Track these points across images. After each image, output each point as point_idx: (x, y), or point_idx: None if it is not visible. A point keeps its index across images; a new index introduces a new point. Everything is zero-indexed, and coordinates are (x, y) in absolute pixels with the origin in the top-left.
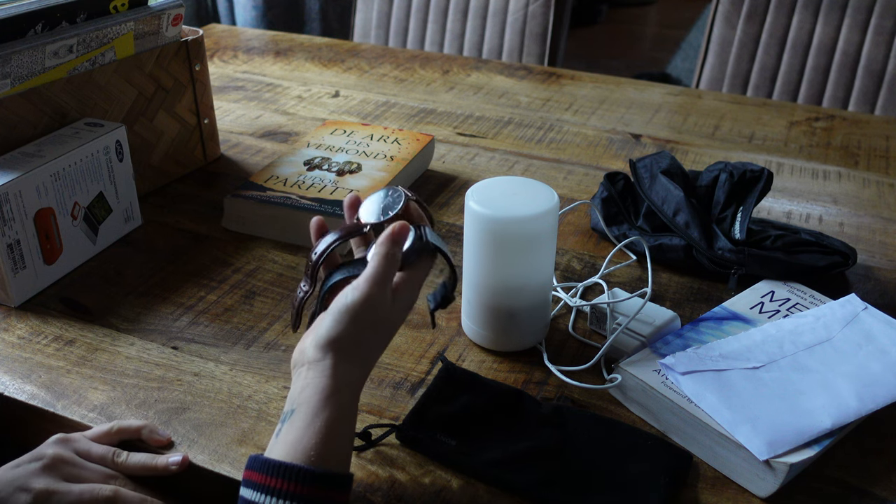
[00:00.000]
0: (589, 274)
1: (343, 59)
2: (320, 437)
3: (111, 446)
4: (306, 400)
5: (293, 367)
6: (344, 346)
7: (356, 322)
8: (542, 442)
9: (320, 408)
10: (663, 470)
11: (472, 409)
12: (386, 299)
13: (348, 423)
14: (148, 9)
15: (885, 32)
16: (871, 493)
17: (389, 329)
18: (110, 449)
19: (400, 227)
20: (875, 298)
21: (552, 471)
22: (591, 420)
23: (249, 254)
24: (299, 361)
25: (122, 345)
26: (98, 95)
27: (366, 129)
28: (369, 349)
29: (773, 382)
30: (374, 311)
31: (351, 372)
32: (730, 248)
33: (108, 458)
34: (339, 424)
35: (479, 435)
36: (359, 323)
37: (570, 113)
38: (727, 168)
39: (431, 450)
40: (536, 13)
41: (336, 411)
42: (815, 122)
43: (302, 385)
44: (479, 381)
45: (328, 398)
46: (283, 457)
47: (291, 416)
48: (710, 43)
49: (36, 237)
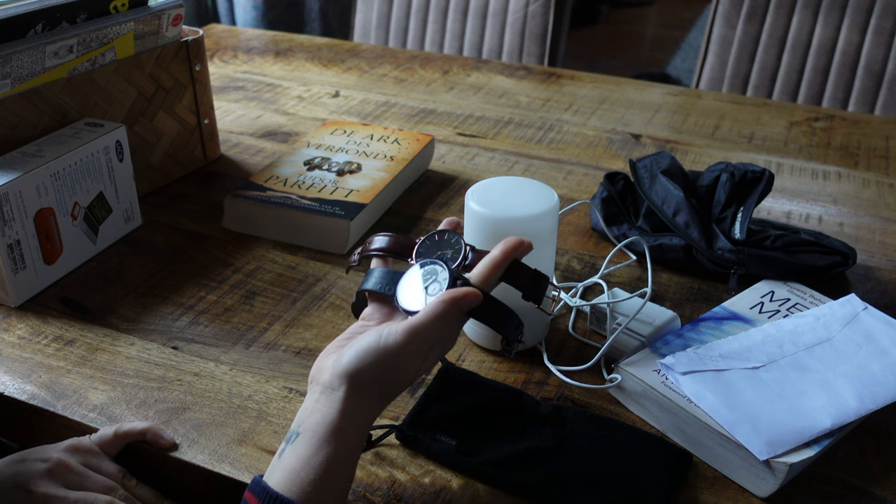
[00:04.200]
0: (589, 274)
1: (343, 59)
2: (319, 473)
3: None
4: (312, 428)
5: (310, 381)
6: (361, 383)
7: (381, 365)
8: (542, 442)
9: (324, 441)
10: (663, 470)
11: (472, 409)
12: (421, 353)
13: (349, 462)
14: (148, 9)
15: (885, 32)
16: (871, 493)
17: (413, 378)
18: (122, 470)
19: (471, 295)
20: (875, 298)
21: (552, 471)
22: (590, 420)
23: (249, 254)
24: (316, 379)
25: (122, 345)
26: (98, 95)
27: (366, 130)
28: (387, 392)
29: (773, 382)
30: (405, 360)
31: (362, 409)
32: (730, 248)
33: (118, 478)
34: (340, 463)
35: (479, 435)
36: (384, 367)
37: (570, 113)
38: (728, 168)
39: (431, 450)
40: (536, 13)
41: (339, 449)
42: (814, 122)
43: (312, 408)
44: (478, 381)
45: (333, 433)
46: (281, 484)
47: (295, 441)
48: (709, 43)
49: (36, 237)
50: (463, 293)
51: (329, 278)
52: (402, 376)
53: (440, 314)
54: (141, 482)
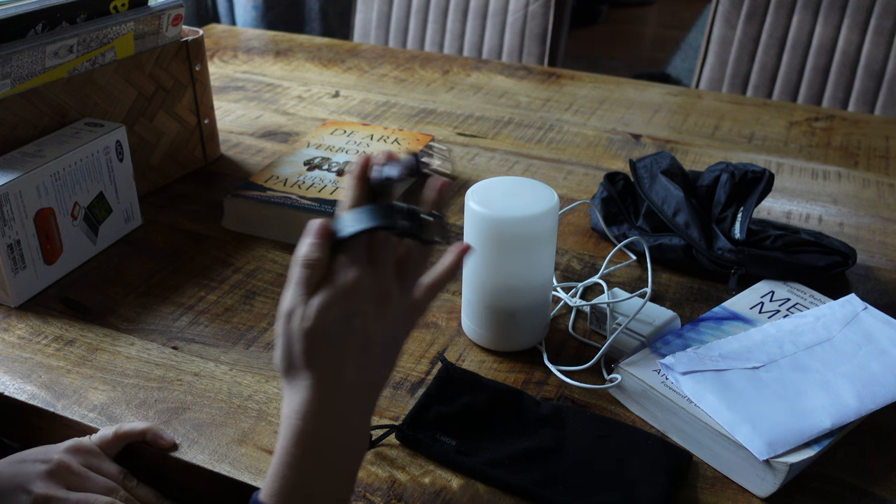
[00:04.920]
0: (589, 274)
1: (343, 59)
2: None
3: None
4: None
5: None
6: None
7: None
8: (542, 442)
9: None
10: (663, 470)
11: (472, 409)
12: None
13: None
14: (148, 9)
15: (885, 32)
16: (871, 493)
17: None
18: (123, 471)
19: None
20: (875, 298)
21: (552, 471)
22: (590, 420)
23: (249, 254)
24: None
25: (122, 345)
26: (98, 95)
27: (366, 130)
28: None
29: (773, 382)
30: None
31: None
32: (730, 248)
33: (118, 479)
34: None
35: (479, 435)
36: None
37: (570, 113)
38: (728, 168)
39: (431, 450)
40: (536, 13)
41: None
42: (814, 122)
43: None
44: (479, 381)
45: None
46: (264, 494)
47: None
48: (709, 43)
49: (36, 237)
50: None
51: None
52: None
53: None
54: (141, 483)
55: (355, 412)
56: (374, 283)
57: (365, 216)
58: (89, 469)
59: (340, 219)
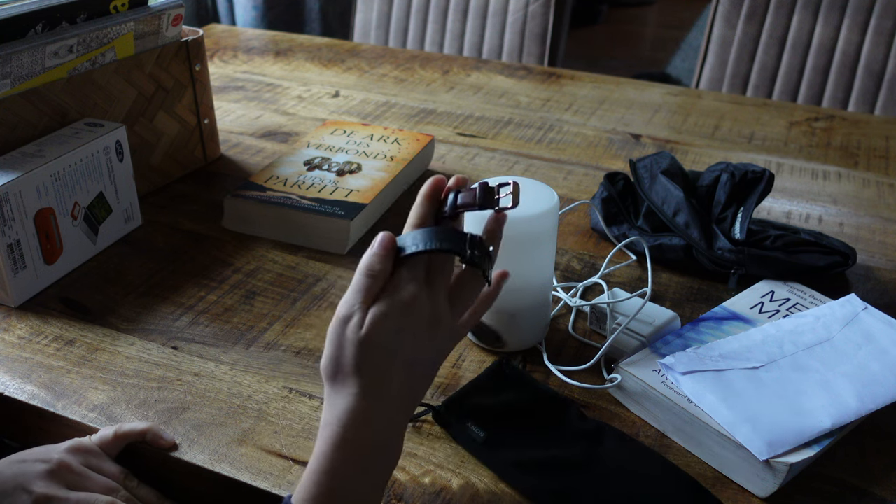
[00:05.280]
0: (589, 274)
1: (343, 59)
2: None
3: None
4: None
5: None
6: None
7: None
8: (570, 454)
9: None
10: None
11: (511, 406)
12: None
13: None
14: (148, 9)
15: (885, 32)
16: (871, 493)
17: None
18: (123, 471)
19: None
20: (875, 298)
21: (571, 485)
22: (629, 445)
23: (249, 254)
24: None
25: (122, 345)
26: (98, 95)
27: (366, 130)
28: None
29: (773, 382)
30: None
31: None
32: (729, 248)
33: (119, 479)
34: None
35: (509, 432)
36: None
37: (570, 113)
38: (728, 168)
39: (459, 437)
40: (536, 13)
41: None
42: (814, 122)
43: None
44: (527, 382)
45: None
46: (297, 498)
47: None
48: (709, 43)
49: (36, 237)
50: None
51: (329, 278)
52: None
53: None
54: (142, 483)
55: (393, 425)
56: (429, 304)
57: (433, 237)
58: (90, 469)
59: (406, 235)
